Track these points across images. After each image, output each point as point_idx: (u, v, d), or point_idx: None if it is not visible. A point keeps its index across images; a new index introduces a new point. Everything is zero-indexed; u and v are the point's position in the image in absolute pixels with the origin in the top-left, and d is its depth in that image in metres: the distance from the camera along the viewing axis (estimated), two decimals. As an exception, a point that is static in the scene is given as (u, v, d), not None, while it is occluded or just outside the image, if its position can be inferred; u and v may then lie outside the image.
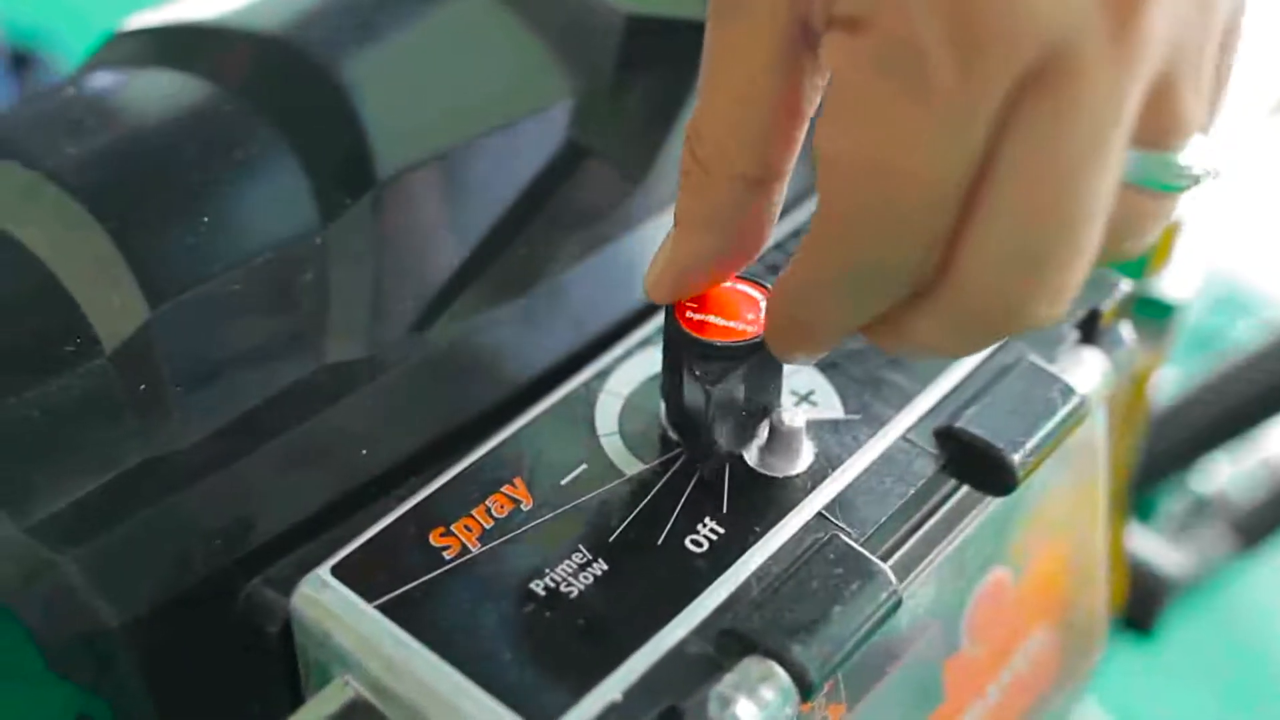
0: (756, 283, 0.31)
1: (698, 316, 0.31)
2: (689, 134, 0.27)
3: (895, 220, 0.24)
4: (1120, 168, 0.24)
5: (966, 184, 0.24)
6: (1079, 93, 0.23)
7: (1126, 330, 0.38)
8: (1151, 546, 0.64)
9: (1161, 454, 0.66)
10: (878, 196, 0.24)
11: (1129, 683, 0.63)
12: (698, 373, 0.31)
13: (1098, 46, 0.23)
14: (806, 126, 0.27)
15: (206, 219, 0.33)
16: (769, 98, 0.26)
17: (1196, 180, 0.25)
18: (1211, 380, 0.71)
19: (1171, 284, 0.45)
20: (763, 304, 0.31)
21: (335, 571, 0.30)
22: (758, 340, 0.30)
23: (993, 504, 0.34)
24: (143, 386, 0.31)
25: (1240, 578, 0.71)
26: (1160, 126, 0.25)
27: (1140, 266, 0.44)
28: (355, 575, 0.30)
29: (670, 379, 0.32)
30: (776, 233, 0.37)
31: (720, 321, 0.31)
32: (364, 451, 0.32)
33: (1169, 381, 0.72)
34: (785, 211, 0.30)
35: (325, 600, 0.29)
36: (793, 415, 0.32)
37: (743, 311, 0.31)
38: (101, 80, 0.37)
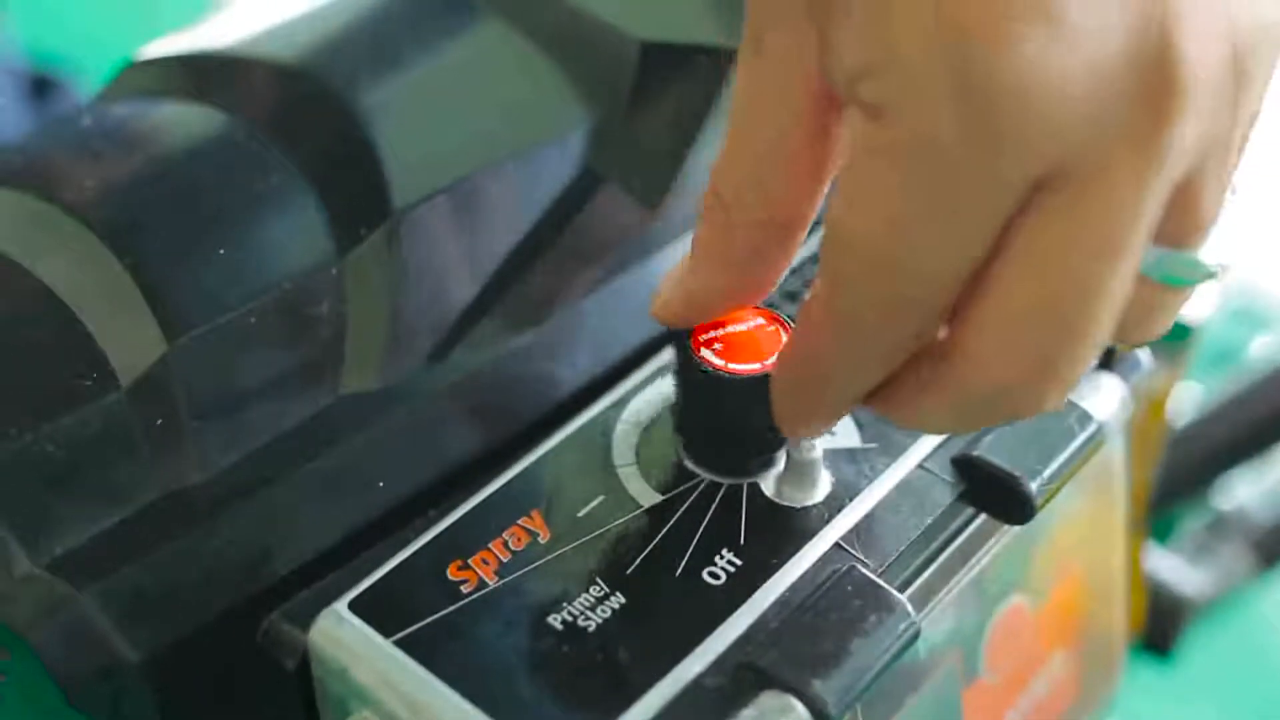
0: (770, 311, 0.31)
1: (712, 346, 0.31)
2: (713, 173, 0.28)
3: (895, 301, 0.24)
4: (1136, 267, 0.24)
5: (973, 272, 0.24)
6: (1098, 198, 0.23)
7: (1144, 355, 0.38)
8: (1170, 567, 0.64)
9: (1180, 473, 0.65)
10: (878, 280, 0.24)
11: (1148, 706, 0.62)
12: (712, 402, 0.31)
13: (1123, 154, 0.22)
14: (830, 180, 0.27)
15: (223, 251, 0.33)
16: (792, 153, 0.26)
17: (1211, 275, 0.25)
18: (1230, 397, 0.70)
19: (1189, 304, 0.45)
20: (780, 334, 0.31)
21: (353, 606, 0.30)
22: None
23: (1011, 532, 0.34)
24: (160, 420, 0.31)
25: (1261, 597, 0.70)
26: (1181, 226, 0.24)
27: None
28: (373, 610, 0.30)
29: (685, 409, 0.32)
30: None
31: (735, 351, 0.31)
32: (381, 484, 0.32)
33: (1188, 398, 0.72)
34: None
35: (343, 635, 0.29)
36: (809, 445, 0.32)
37: (757, 340, 0.31)
38: (118, 110, 0.37)
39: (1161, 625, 0.63)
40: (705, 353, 0.30)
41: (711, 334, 0.31)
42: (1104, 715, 0.44)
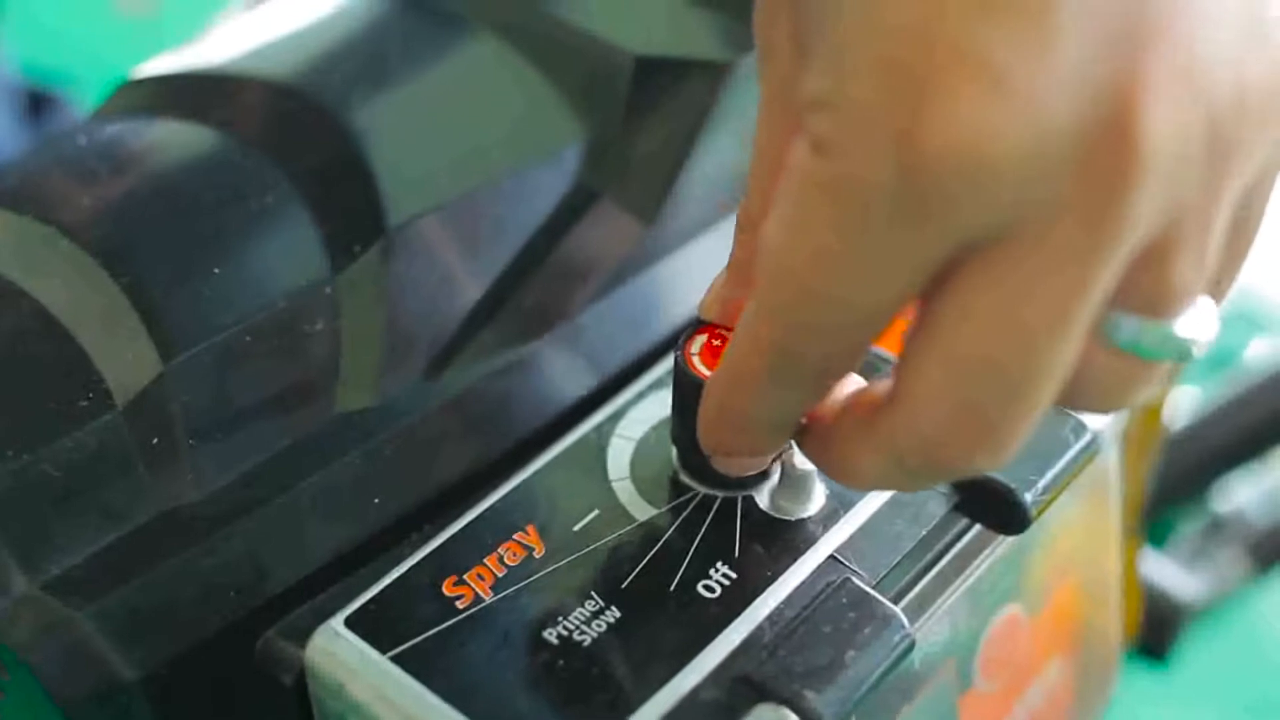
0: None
1: (707, 359, 0.31)
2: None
3: (815, 328, 0.24)
4: (1082, 335, 0.23)
5: (900, 310, 0.23)
6: (1039, 265, 0.22)
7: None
8: (1166, 572, 0.64)
9: (1176, 477, 0.65)
10: (801, 306, 0.24)
11: (1145, 711, 0.62)
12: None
13: (1068, 224, 0.22)
14: None
15: (218, 270, 0.33)
16: (769, 167, 0.27)
17: (1185, 351, 0.24)
18: (1227, 401, 0.70)
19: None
20: None
21: (349, 623, 0.30)
22: None
23: (1005, 542, 0.34)
24: (156, 440, 0.31)
25: (1257, 601, 0.70)
26: (1148, 295, 0.23)
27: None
28: (369, 626, 0.30)
29: (680, 422, 0.32)
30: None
31: None
32: (377, 500, 0.32)
33: (1184, 401, 0.72)
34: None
35: (339, 652, 0.30)
36: (804, 457, 0.32)
37: None
38: (113, 129, 0.37)
39: (1157, 630, 0.63)
40: (699, 364, 0.31)
41: (706, 344, 0.31)
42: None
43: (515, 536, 0.31)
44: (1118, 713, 0.46)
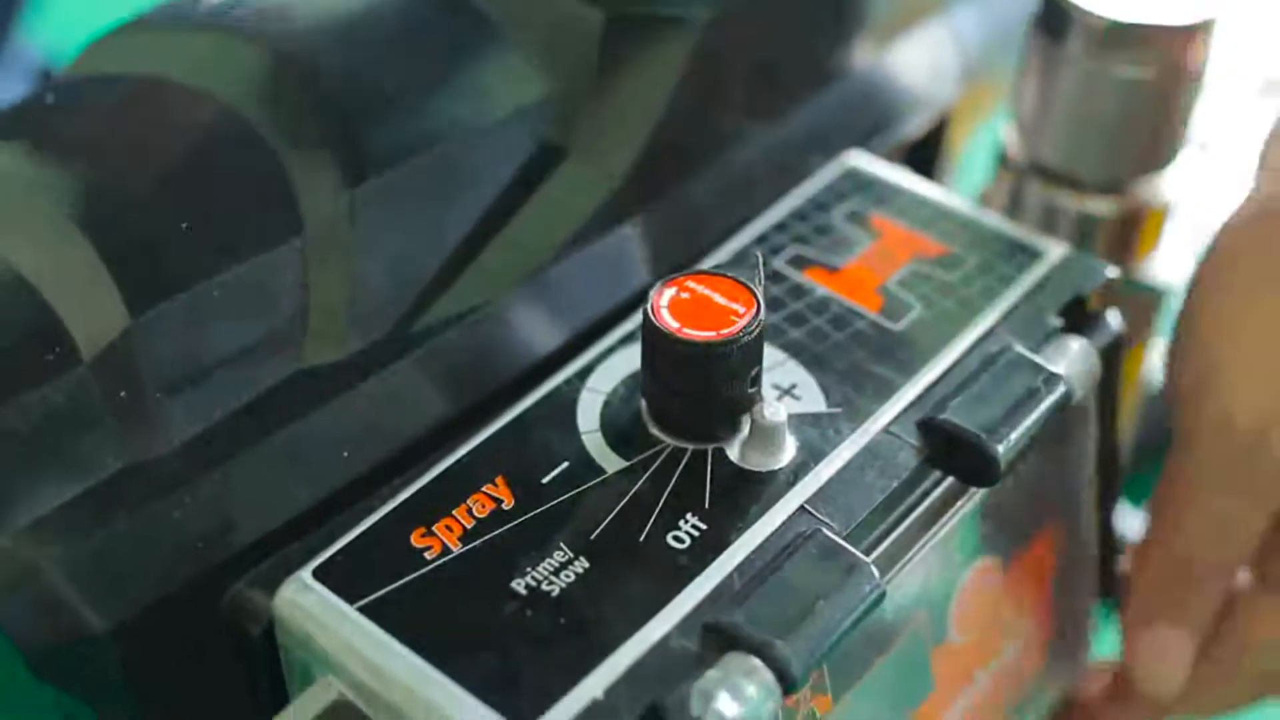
0: (734, 279, 0.31)
1: (676, 312, 0.31)
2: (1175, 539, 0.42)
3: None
4: None
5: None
6: None
7: (1114, 318, 0.38)
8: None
9: (1154, 433, 0.65)
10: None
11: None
12: (677, 369, 0.31)
13: None
14: None
15: (186, 223, 0.33)
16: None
17: None
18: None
19: (1160, 267, 0.45)
20: (744, 300, 0.31)
21: (317, 574, 0.30)
22: (737, 333, 0.30)
23: (977, 494, 0.34)
24: (123, 393, 0.31)
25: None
26: None
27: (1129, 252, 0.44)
28: (337, 577, 0.30)
29: (650, 375, 0.32)
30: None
31: (698, 315, 0.31)
32: (346, 454, 0.32)
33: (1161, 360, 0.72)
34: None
35: (307, 603, 0.29)
36: (774, 409, 0.32)
37: (721, 307, 0.31)
38: (79, 85, 0.37)
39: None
40: (668, 317, 0.30)
41: (674, 297, 0.31)
42: (1077, 674, 0.45)
43: (484, 488, 0.31)
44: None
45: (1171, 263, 0.46)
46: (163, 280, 0.32)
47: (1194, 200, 0.48)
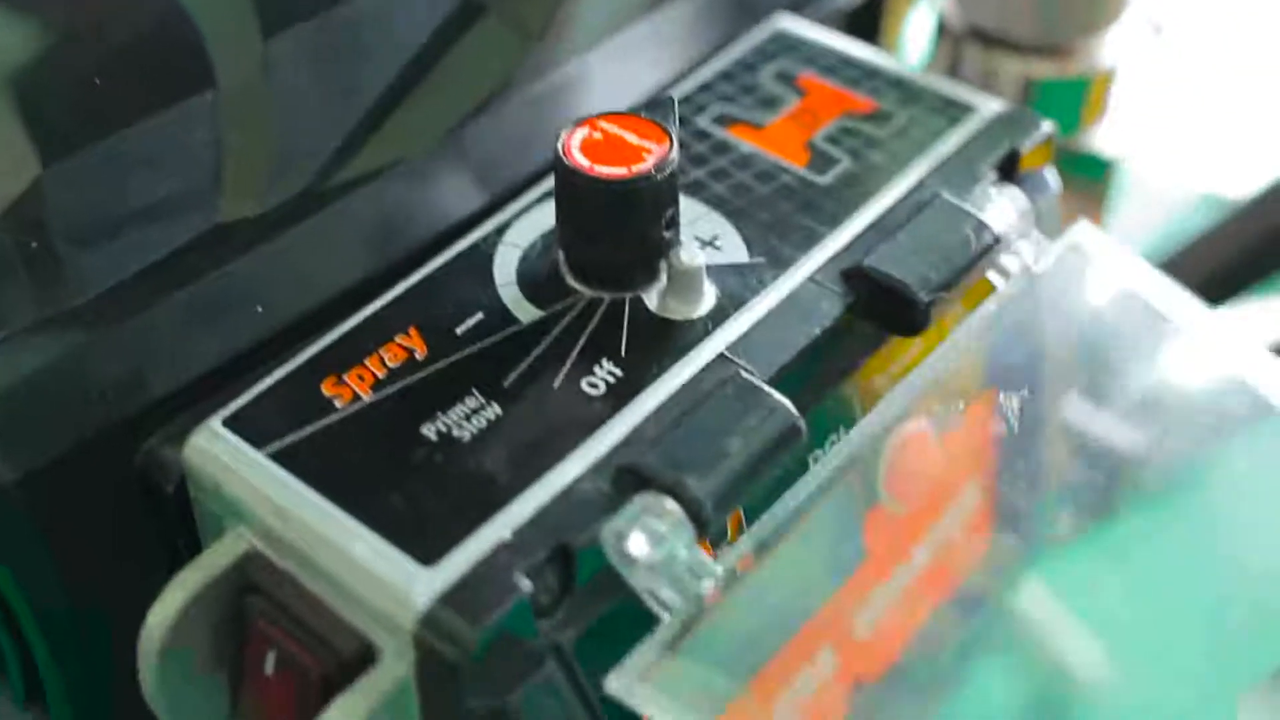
0: (647, 119, 0.31)
1: (589, 151, 0.30)
2: None
3: None
4: None
5: None
6: None
7: (1051, 176, 0.37)
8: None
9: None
10: None
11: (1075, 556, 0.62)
12: (590, 209, 0.30)
13: None
14: None
15: (98, 77, 0.32)
16: None
17: None
18: (1189, 246, 0.69)
19: (1105, 139, 0.44)
20: (651, 145, 0.30)
21: (227, 423, 0.30)
22: (649, 173, 0.30)
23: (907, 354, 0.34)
24: (34, 244, 0.30)
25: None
26: None
27: (1072, 122, 0.43)
28: (247, 426, 0.29)
29: (563, 218, 0.31)
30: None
31: (611, 155, 0.30)
32: (259, 309, 0.32)
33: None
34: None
35: (216, 451, 0.29)
36: (692, 255, 0.31)
37: (635, 146, 0.30)
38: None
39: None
40: (579, 155, 0.30)
41: (587, 136, 0.30)
42: (1030, 567, 0.44)
43: (397, 339, 0.31)
44: (1048, 560, 0.46)
45: (1117, 135, 0.45)
46: (73, 131, 0.31)
47: (1145, 79, 0.47)
